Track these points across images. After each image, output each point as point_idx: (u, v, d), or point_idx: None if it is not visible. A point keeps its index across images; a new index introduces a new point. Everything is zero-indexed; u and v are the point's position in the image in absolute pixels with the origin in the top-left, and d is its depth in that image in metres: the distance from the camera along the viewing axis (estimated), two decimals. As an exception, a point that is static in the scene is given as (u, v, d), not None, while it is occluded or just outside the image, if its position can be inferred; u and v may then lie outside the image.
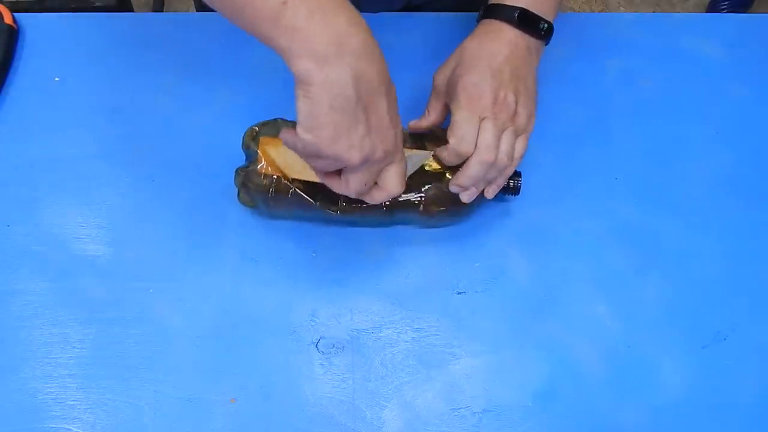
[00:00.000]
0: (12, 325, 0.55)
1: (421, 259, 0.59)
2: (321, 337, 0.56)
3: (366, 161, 0.45)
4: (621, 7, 1.86)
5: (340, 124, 0.42)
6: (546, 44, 0.58)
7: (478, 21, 0.58)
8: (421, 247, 0.60)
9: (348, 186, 0.47)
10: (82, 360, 0.54)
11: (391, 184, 0.49)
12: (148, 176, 0.62)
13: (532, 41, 0.56)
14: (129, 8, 1.45)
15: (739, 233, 0.62)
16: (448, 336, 0.56)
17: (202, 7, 0.81)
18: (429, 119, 0.58)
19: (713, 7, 1.77)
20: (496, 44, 0.55)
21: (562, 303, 0.58)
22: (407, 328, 0.57)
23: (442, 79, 0.57)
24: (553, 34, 0.57)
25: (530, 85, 0.56)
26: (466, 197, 0.55)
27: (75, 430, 0.52)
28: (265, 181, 0.55)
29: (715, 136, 0.67)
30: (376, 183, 0.49)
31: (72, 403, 0.53)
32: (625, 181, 0.64)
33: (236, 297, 0.57)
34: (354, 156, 0.43)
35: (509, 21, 0.55)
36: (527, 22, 0.55)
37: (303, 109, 0.42)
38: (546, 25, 0.56)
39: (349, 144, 0.43)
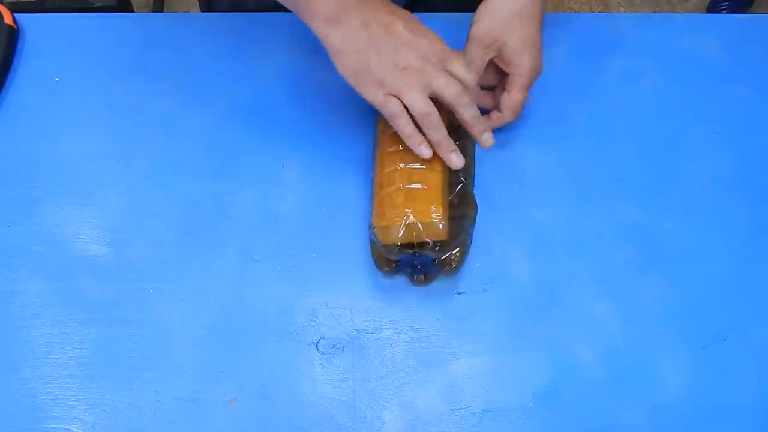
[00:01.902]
0: (12, 325, 0.56)
1: (421, 259, 0.59)
2: (321, 337, 0.56)
3: (409, 74, 0.53)
4: (621, 7, 1.86)
5: (365, 61, 0.53)
6: None
7: None
8: (421, 247, 0.60)
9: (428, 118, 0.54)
10: (82, 360, 0.54)
11: (462, 74, 0.54)
12: (148, 176, 0.62)
13: None
14: (129, 8, 1.45)
15: (739, 233, 0.62)
16: (448, 336, 0.56)
17: (206, 7, 0.81)
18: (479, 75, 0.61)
19: (713, 7, 1.77)
20: (538, 4, 0.58)
21: (562, 303, 0.58)
22: (407, 328, 0.57)
23: (488, 36, 0.59)
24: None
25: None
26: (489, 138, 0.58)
27: (75, 430, 0.52)
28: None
29: (715, 136, 0.67)
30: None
31: (72, 403, 0.53)
32: (625, 181, 0.64)
33: (236, 297, 0.57)
34: (394, 75, 0.53)
35: None
36: None
37: (335, 59, 0.54)
38: None
39: (381, 70, 0.53)
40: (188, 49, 0.69)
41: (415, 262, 0.56)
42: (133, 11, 1.48)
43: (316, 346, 0.56)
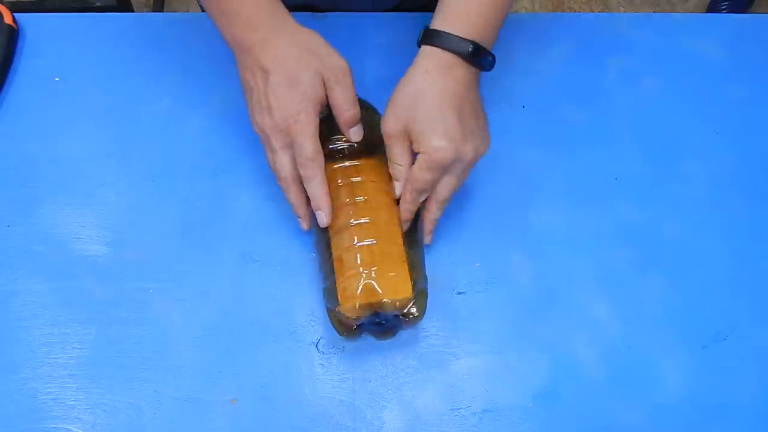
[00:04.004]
0: (12, 325, 0.55)
1: (421, 259, 0.59)
2: (321, 337, 0.56)
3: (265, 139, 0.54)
4: (621, 7, 1.86)
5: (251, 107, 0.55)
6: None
7: (419, 45, 0.54)
8: (421, 247, 0.60)
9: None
10: (82, 360, 0.54)
11: (299, 154, 0.52)
12: (148, 176, 0.62)
13: (476, 73, 0.54)
14: (129, 8, 1.45)
15: (739, 233, 0.62)
16: (448, 336, 0.56)
17: (160, 8, 0.81)
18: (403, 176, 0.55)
19: (713, 7, 1.77)
20: (451, 82, 0.52)
21: (562, 303, 0.58)
22: (407, 328, 0.56)
23: (396, 126, 0.53)
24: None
25: (481, 118, 0.55)
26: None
27: (75, 430, 0.52)
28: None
29: (715, 136, 0.67)
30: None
31: (72, 403, 0.53)
32: (625, 181, 0.64)
33: (236, 297, 0.57)
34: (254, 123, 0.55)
35: (460, 54, 0.52)
36: (478, 58, 0.53)
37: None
38: (492, 61, 0.54)
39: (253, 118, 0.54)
40: (188, 49, 0.69)
41: (378, 320, 0.53)
42: (133, 11, 1.47)
43: (316, 346, 0.56)
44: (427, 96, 0.52)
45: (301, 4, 0.72)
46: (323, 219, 0.54)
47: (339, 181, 0.56)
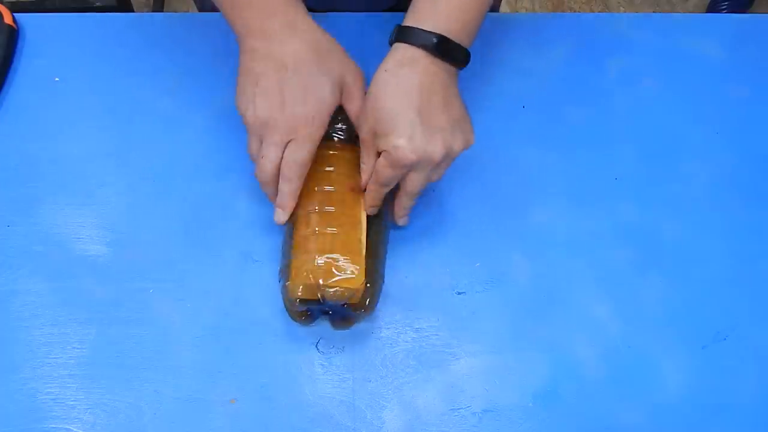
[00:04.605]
0: (12, 325, 0.55)
1: (421, 259, 0.59)
2: (321, 337, 0.56)
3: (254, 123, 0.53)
4: (621, 7, 1.86)
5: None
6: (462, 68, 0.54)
7: (391, 44, 0.53)
8: (421, 247, 0.60)
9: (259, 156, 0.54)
10: (82, 360, 0.54)
11: (288, 156, 0.52)
12: (148, 176, 0.62)
13: (449, 68, 0.52)
14: (129, 8, 1.45)
15: (739, 233, 0.62)
16: (448, 336, 0.56)
17: (202, 8, 0.81)
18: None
19: (713, 7, 1.77)
20: (413, 77, 0.50)
21: (562, 303, 0.58)
22: (407, 328, 0.57)
23: (364, 128, 0.53)
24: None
25: (455, 113, 0.52)
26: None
27: (75, 430, 0.52)
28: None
29: (715, 136, 0.67)
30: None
31: (72, 403, 0.53)
32: (625, 181, 0.64)
33: (236, 297, 0.57)
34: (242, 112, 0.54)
35: (425, 47, 0.50)
36: (444, 50, 0.51)
37: None
38: (463, 55, 0.52)
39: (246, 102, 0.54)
40: (188, 49, 0.69)
41: (325, 309, 0.53)
42: (133, 11, 1.48)
43: (316, 346, 0.56)
44: (387, 94, 0.50)
45: None
46: (280, 218, 0.54)
47: (314, 166, 0.55)
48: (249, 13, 0.53)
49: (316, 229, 0.53)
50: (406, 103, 0.50)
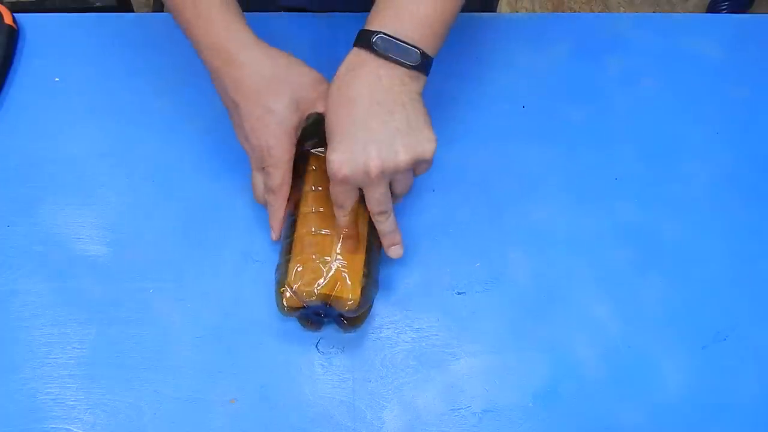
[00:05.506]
0: (12, 325, 0.55)
1: (421, 259, 0.59)
2: (321, 338, 0.56)
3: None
4: (621, 7, 1.86)
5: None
6: (425, 74, 0.49)
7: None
8: (421, 247, 0.60)
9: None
10: (82, 360, 0.54)
11: (267, 182, 0.54)
12: (148, 176, 0.62)
13: (402, 71, 0.47)
14: (129, 8, 1.45)
15: (739, 233, 0.62)
16: (448, 336, 0.56)
17: (160, 8, 0.81)
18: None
19: (713, 7, 1.77)
20: (355, 86, 0.47)
21: (562, 303, 0.58)
22: (407, 328, 0.57)
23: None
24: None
25: (402, 121, 0.47)
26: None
27: (75, 430, 0.52)
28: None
29: (715, 136, 0.67)
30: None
31: (72, 403, 0.53)
32: (625, 181, 0.64)
33: (236, 297, 0.57)
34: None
35: (369, 49, 0.47)
36: (387, 48, 0.47)
37: None
38: (417, 55, 0.47)
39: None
40: (188, 49, 0.69)
41: (321, 312, 0.53)
42: (133, 11, 1.47)
43: (316, 346, 0.56)
44: (330, 105, 0.48)
45: (293, 6, 0.72)
46: (272, 236, 0.56)
47: (313, 166, 0.55)
48: (198, 47, 0.53)
49: (312, 229, 0.53)
50: (344, 113, 0.47)
